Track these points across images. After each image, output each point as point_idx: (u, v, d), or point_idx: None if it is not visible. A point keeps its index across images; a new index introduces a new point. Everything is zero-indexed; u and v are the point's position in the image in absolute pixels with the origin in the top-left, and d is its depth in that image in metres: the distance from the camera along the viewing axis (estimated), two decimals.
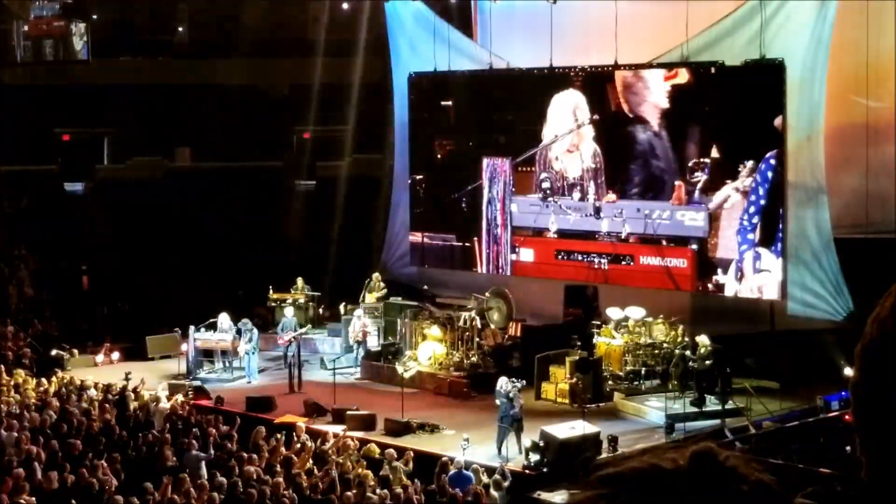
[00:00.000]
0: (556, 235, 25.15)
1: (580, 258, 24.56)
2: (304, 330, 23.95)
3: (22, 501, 14.89)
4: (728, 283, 22.79)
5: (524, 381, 21.12)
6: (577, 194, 24.89)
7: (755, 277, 22.48)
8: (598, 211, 24.52)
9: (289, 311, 24.47)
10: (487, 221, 26.14)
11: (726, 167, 22.77)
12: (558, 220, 25.04)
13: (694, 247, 23.10)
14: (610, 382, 21.99)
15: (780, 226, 22.31)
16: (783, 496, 1.28)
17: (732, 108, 22.71)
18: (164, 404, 20.43)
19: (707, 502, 1.23)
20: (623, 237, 24.01)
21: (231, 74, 31.24)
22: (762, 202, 22.32)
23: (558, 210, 25.02)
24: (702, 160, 23.03)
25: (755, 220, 22.43)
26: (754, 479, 1.27)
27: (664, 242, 23.56)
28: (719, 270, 22.87)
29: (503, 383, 19.10)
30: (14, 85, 30.17)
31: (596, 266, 24.31)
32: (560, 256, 25.00)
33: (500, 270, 26.08)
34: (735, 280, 22.67)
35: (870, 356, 1.42)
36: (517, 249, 25.78)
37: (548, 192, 25.29)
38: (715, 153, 22.87)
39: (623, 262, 24.00)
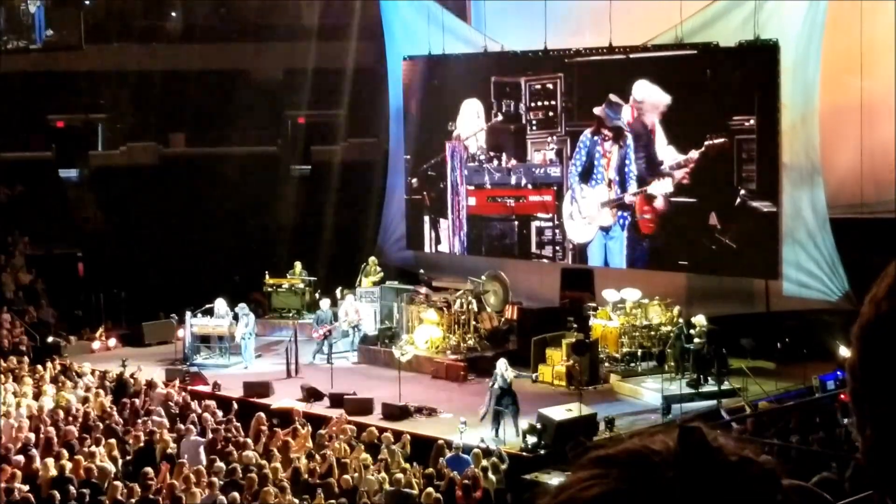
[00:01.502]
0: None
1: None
2: (337, 323, 23.91)
3: (16, 488, 14.94)
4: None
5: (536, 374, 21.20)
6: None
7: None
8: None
9: (324, 304, 24.30)
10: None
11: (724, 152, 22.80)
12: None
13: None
14: (606, 364, 22.05)
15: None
16: (771, 474, 1.28)
17: (727, 90, 22.71)
18: (161, 390, 20.46)
19: (695, 481, 1.24)
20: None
21: (224, 59, 31.17)
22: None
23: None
24: (699, 144, 23.05)
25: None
26: (743, 454, 1.28)
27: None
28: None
29: (501, 366, 19.13)
30: (7, 72, 30.09)
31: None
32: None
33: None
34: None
35: (866, 337, 1.42)
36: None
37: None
38: (716, 140, 22.85)
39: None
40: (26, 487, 15.08)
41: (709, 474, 1.24)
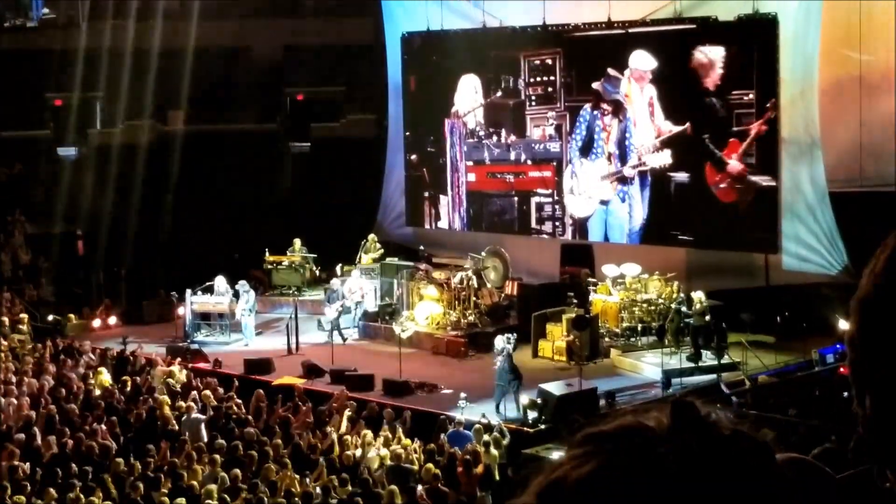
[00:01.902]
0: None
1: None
2: (347, 299, 23.90)
3: (18, 466, 14.97)
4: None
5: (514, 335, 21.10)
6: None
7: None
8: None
9: (335, 281, 24.34)
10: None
11: (725, 128, 22.76)
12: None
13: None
14: (607, 339, 22.07)
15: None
16: (764, 447, 1.28)
17: (726, 64, 22.66)
18: (162, 368, 20.49)
19: (689, 456, 1.24)
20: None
21: (223, 36, 31.04)
22: None
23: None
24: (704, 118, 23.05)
25: None
26: (736, 428, 1.28)
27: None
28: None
29: (500, 341, 19.16)
30: (5, 50, 29.98)
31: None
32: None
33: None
34: None
35: (865, 310, 1.42)
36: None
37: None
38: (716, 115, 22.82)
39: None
40: (28, 465, 15.13)
41: (702, 448, 1.24)
